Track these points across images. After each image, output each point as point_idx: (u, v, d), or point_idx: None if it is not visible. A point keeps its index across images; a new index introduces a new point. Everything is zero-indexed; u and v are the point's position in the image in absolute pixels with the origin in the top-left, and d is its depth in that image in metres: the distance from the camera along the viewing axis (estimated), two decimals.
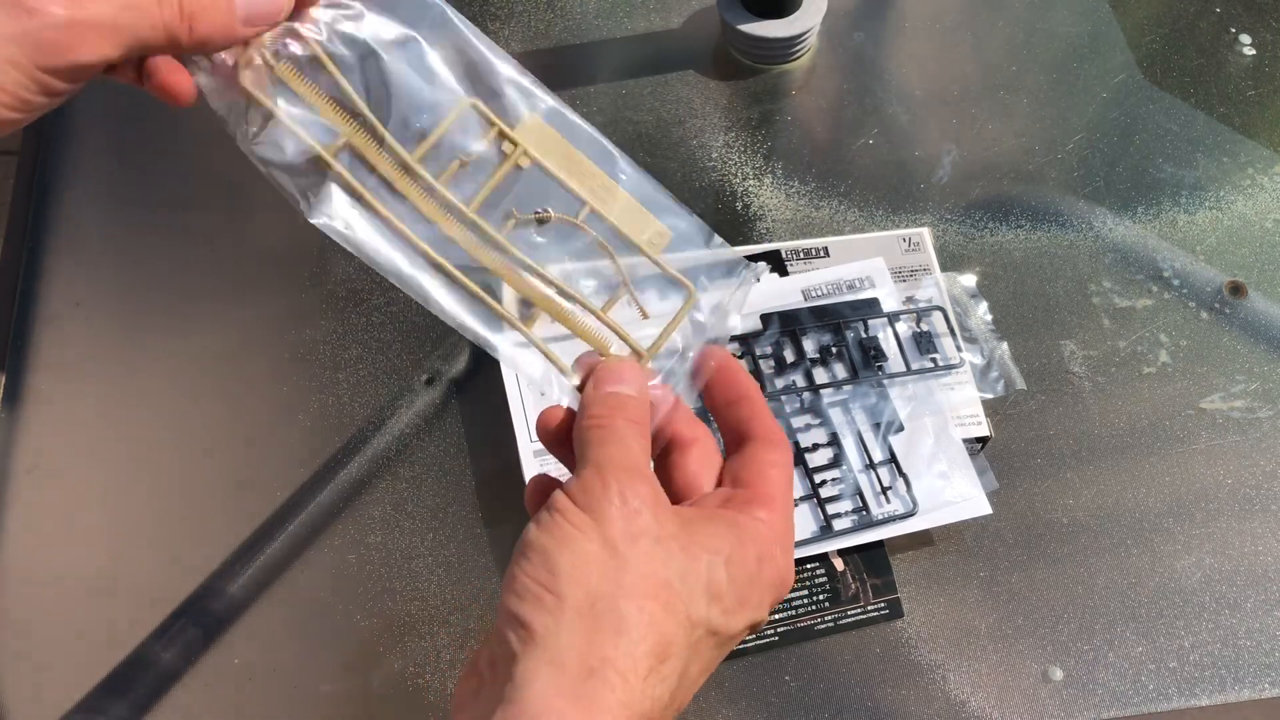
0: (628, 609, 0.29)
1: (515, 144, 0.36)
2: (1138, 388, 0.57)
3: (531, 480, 0.36)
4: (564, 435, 0.35)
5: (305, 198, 0.35)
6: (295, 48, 0.35)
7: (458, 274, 0.35)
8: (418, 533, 0.52)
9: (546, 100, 0.37)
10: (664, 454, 0.37)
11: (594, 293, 0.38)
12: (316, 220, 0.35)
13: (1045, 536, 0.53)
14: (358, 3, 0.36)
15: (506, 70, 0.37)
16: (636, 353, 0.37)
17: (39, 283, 0.58)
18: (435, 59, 0.36)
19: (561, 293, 0.36)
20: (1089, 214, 0.62)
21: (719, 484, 0.36)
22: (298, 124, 0.35)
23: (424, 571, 0.52)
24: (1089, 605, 0.51)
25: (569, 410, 0.35)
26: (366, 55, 0.36)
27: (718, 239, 0.39)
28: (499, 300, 0.36)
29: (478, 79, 0.36)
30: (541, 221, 0.37)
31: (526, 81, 0.37)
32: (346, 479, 0.53)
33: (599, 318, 0.37)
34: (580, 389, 0.35)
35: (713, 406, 0.38)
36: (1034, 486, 0.54)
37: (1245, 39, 0.69)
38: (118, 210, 0.61)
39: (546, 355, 0.36)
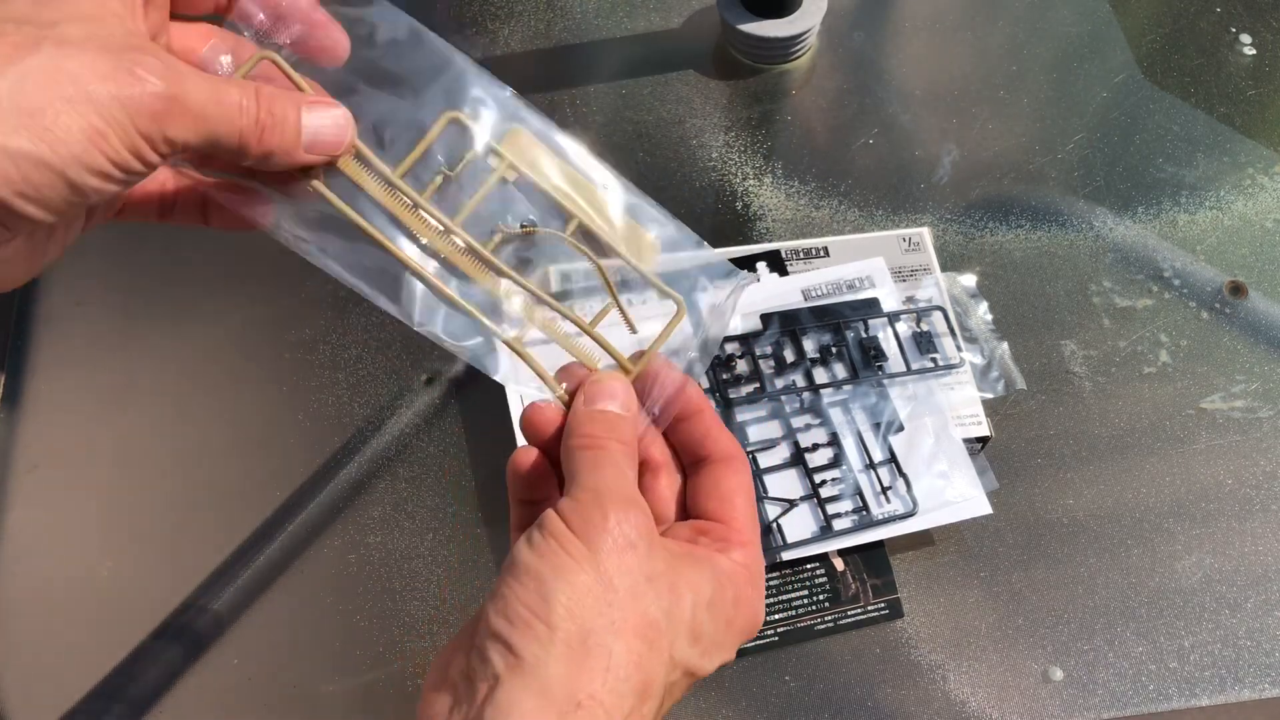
0: (616, 646, 0.29)
1: (501, 157, 0.35)
2: (1138, 388, 0.57)
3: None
4: (554, 441, 0.34)
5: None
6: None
7: (437, 282, 0.34)
8: (418, 533, 0.52)
9: (531, 116, 0.36)
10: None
11: (582, 305, 0.37)
12: (284, 234, 0.34)
13: (1045, 536, 0.53)
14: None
15: (484, 82, 0.35)
16: (623, 368, 0.36)
17: (39, 283, 0.58)
18: (411, 70, 0.35)
19: (542, 301, 0.35)
20: (1089, 214, 0.62)
21: (682, 507, 0.36)
22: None
23: (424, 571, 0.52)
24: (1089, 605, 0.51)
25: (561, 414, 0.35)
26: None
27: (706, 246, 0.38)
28: (487, 313, 0.35)
29: (455, 92, 0.35)
30: (528, 235, 0.36)
31: (508, 94, 0.35)
32: (346, 479, 0.53)
33: (587, 332, 0.36)
34: (568, 403, 0.35)
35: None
36: (1034, 486, 0.54)
37: (1245, 39, 0.69)
38: None
39: (531, 366, 0.35)
